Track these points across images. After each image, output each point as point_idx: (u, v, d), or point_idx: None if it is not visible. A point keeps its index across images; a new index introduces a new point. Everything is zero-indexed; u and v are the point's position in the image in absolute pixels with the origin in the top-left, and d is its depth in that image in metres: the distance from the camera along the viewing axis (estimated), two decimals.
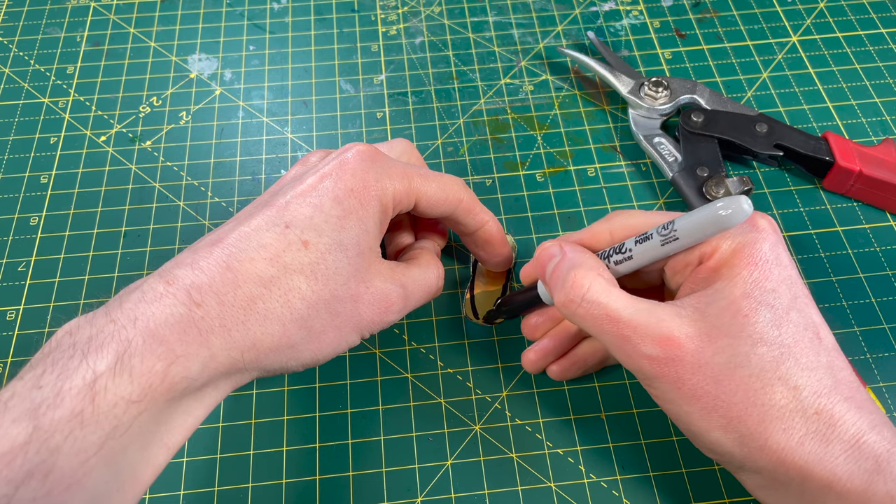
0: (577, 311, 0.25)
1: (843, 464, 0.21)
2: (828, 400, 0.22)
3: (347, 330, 0.27)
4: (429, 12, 0.46)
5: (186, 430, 0.24)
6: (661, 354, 0.23)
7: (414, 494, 0.30)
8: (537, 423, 0.32)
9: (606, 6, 0.47)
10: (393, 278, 0.28)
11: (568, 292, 0.25)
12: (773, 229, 0.25)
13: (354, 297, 0.26)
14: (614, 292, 0.25)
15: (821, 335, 0.23)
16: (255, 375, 0.25)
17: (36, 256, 0.37)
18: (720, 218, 0.23)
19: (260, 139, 0.41)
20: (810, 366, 0.23)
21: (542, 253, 0.28)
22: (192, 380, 0.22)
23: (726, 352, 0.23)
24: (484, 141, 0.40)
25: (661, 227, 0.25)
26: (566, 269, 0.26)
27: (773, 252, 0.24)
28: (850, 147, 0.36)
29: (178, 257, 0.25)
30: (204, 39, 0.45)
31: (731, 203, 0.22)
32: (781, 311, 0.23)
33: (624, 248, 0.26)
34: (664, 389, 0.24)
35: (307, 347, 0.26)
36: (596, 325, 0.25)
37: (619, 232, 0.27)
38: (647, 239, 0.25)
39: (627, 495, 0.30)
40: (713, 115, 0.38)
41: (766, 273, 0.23)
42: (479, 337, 0.34)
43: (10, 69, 0.44)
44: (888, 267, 0.35)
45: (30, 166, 0.40)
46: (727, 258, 0.24)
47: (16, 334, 0.34)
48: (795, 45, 0.44)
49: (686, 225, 0.24)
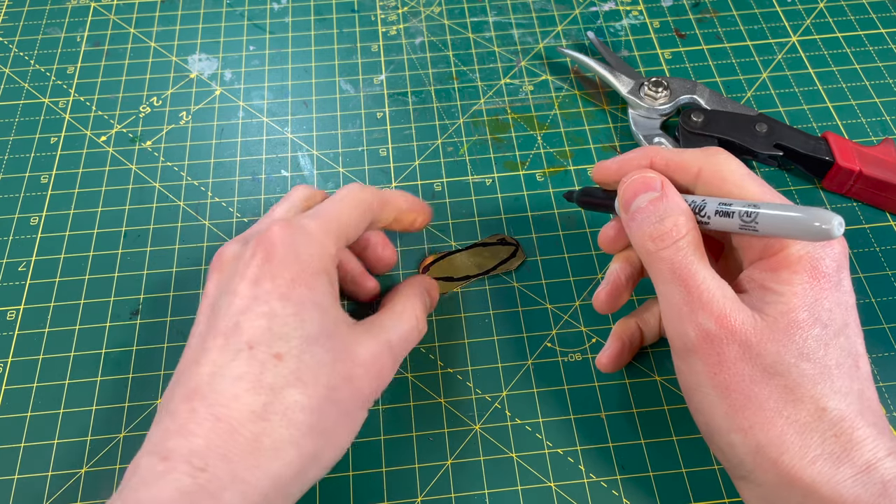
0: (662, 250, 0.25)
1: (851, 486, 0.21)
2: (850, 424, 0.22)
3: (355, 411, 0.26)
4: (429, 12, 0.46)
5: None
6: (713, 329, 0.23)
7: (414, 494, 0.30)
8: (537, 423, 0.32)
9: (606, 6, 0.47)
10: (375, 341, 0.27)
11: (665, 230, 0.25)
12: (844, 252, 0.24)
13: (348, 378, 0.25)
14: (700, 253, 0.25)
15: (860, 364, 0.24)
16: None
17: (36, 256, 0.37)
18: (810, 229, 0.22)
19: (260, 139, 0.41)
20: (843, 391, 0.23)
21: (639, 179, 0.26)
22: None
23: (771, 356, 0.23)
24: (484, 141, 0.40)
25: (745, 212, 0.24)
26: (667, 210, 0.25)
27: (838, 274, 0.24)
28: (849, 147, 0.36)
29: (162, 424, 0.23)
30: (204, 39, 0.45)
31: (826, 218, 0.22)
32: (832, 332, 0.23)
33: (704, 213, 0.25)
34: (699, 369, 0.24)
35: (328, 451, 0.25)
36: (671, 272, 0.24)
37: (708, 176, 0.26)
38: (727, 215, 0.25)
39: (627, 495, 0.30)
40: (713, 115, 0.38)
41: (826, 291, 0.23)
42: (480, 337, 0.34)
43: (10, 69, 0.44)
44: (888, 267, 0.35)
45: (30, 166, 0.40)
46: (793, 262, 0.24)
47: (16, 334, 0.34)
48: (795, 45, 0.44)
49: (770, 221, 0.23)
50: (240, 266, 0.26)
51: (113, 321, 0.35)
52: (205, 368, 0.24)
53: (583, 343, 0.34)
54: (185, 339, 0.34)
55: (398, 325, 0.28)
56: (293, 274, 0.25)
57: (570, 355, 0.33)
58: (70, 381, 0.33)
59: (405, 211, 0.31)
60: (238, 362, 0.23)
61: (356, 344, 0.26)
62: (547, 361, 0.33)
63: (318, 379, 0.24)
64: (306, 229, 0.26)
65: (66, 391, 0.33)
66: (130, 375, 0.33)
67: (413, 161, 0.40)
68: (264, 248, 0.25)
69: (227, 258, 0.27)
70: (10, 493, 0.30)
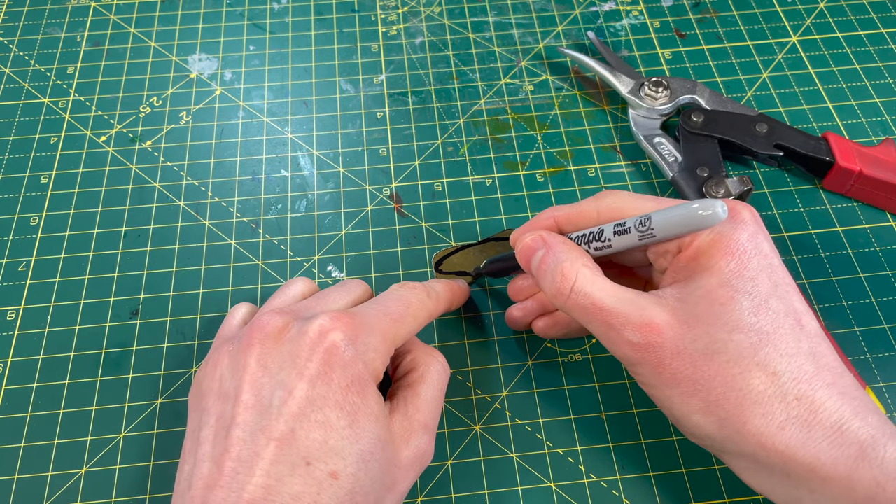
0: (566, 302, 0.26)
1: (827, 449, 0.22)
2: (808, 386, 0.22)
3: (398, 502, 0.26)
4: (429, 12, 0.46)
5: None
6: (642, 340, 0.24)
7: (414, 494, 0.30)
8: (537, 423, 0.32)
9: (606, 6, 0.47)
10: (413, 433, 0.26)
11: (557, 286, 0.26)
12: (753, 220, 0.25)
13: (392, 485, 0.25)
14: (598, 282, 0.25)
15: (803, 322, 0.24)
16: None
17: (36, 256, 0.37)
18: (697, 218, 0.24)
19: (260, 139, 0.41)
20: (790, 352, 0.23)
21: (524, 246, 0.28)
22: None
23: (703, 339, 0.23)
24: (484, 141, 0.40)
25: (639, 221, 0.25)
26: (553, 264, 0.26)
27: (752, 241, 0.24)
28: (850, 147, 0.36)
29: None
30: (204, 39, 0.45)
31: (708, 205, 0.23)
32: (760, 298, 0.23)
33: (603, 237, 0.27)
34: (646, 374, 0.25)
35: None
36: (584, 315, 0.25)
37: (607, 213, 0.27)
38: (625, 232, 0.26)
39: (627, 495, 0.30)
40: (713, 115, 0.38)
41: (744, 262, 0.24)
42: (480, 337, 0.34)
43: (10, 69, 0.44)
44: (888, 267, 0.35)
45: (30, 166, 0.40)
46: (705, 248, 0.24)
47: (16, 334, 0.34)
48: (795, 45, 0.44)
49: (662, 223, 0.25)
50: (298, 360, 0.24)
51: (113, 321, 0.35)
52: (259, 479, 0.22)
53: (583, 343, 0.34)
54: (185, 339, 0.34)
55: (426, 392, 0.27)
56: (349, 381, 0.24)
57: (570, 355, 0.33)
58: (70, 381, 0.33)
59: (451, 306, 0.32)
60: (295, 479, 0.22)
61: (402, 444, 0.26)
62: (547, 362, 0.33)
63: (367, 495, 0.24)
64: (365, 331, 0.26)
65: (66, 391, 0.33)
66: (130, 375, 0.33)
67: (413, 161, 0.40)
68: (326, 348, 0.25)
69: (274, 334, 0.26)
70: (10, 493, 0.30)
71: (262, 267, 0.36)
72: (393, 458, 0.25)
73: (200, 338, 0.34)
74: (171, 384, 0.33)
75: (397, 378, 0.29)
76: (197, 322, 0.34)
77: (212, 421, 0.24)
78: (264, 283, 0.36)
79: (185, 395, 0.32)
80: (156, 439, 0.31)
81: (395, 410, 0.26)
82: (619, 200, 0.27)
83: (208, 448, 0.24)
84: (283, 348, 0.25)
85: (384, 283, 0.35)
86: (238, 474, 0.22)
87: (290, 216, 0.38)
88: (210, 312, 0.35)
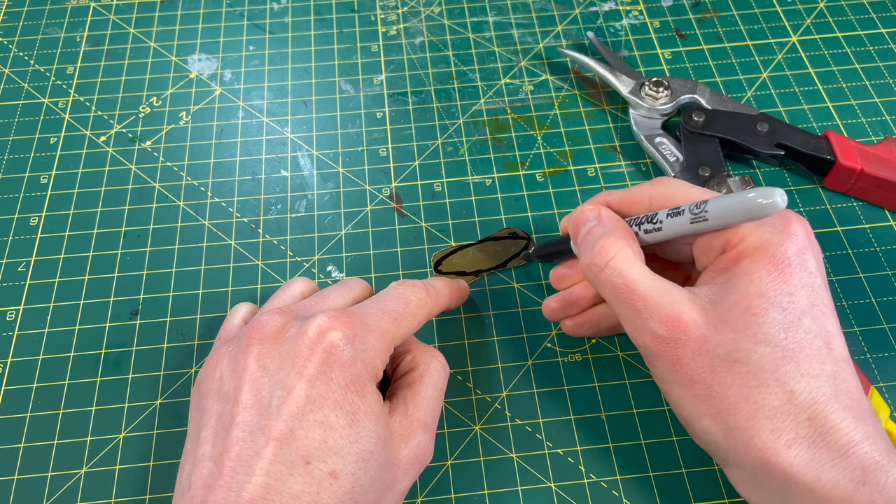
0: (598, 275, 0.26)
1: (830, 471, 0.21)
2: (824, 407, 0.22)
3: (397, 501, 0.26)
4: (429, 12, 0.46)
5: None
6: (665, 333, 0.24)
7: (414, 494, 0.30)
8: (537, 423, 0.32)
9: (606, 6, 0.47)
10: (412, 431, 0.26)
11: (594, 257, 0.26)
12: (805, 234, 0.24)
13: (391, 484, 0.25)
14: (637, 265, 0.25)
15: (832, 346, 0.23)
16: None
17: (36, 256, 0.37)
18: (754, 206, 0.23)
19: (260, 139, 0.41)
20: (812, 373, 0.22)
21: (579, 215, 0.28)
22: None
23: (728, 345, 0.23)
24: (484, 141, 0.40)
25: (694, 205, 0.25)
26: (598, 235, 0.26)
27: (799, 257, 0.24)
28: (851, 146, 0.36)
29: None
30: (204, 39, 0.45)
31: (768, 193, 0.23)
32: (794, 315, 0.23)
33: (656, 219, 0.26)
34: (662, 369, 0.25)
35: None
36: (613, 293, 0.25)
37: (659, 200, 0.27)
38: (678, 214, 0.25)
39: (627, 495, 0.30)
40: (714, 114, 0.38)
41: (785, 276, 0.23)
42: (479, 337, 0.34)
43: (10, 69, 0.44)
44: (888, 267, 0.35)
45: (30, 166, 0.40)
46: (750, 252, 0.24)
47: (16, 334, 0.34)
48: (795, 45, 0.44)
49: (718, 207, 0.24)
50: (297, 360, 0.24)
51: (113, 321, 0.35)
52: (258, 478, 0.22)
53: (583, 343, 0.34)
54: (185, 339, 0.34)
55: (426, 392, 0.27)
56: (348, 380, 0.24)
57: (570, 355, 0.33)
58: (70, 382, 0.33)
59: (450, 304, 0.31)
60: (295, 478, 0.22)
61: (402, 443, 0.26)
62: (547, 362, 0.33)
63: (367, 494, 0.24)
64: (364, 330, 0.26)
65: (65, 391, 0.33)
66: (130, 375, 0.33)
67: (413, 161, 0.40)
68: (325, 348, 0.24)
69: (273, 333, 0.25)
70: (10, 493, 0.30)
71: (262, 267, 0.36)
72: (392, 458, 0.25)
73: (200, 338, 0.34)
74: (171, 384, 0.33)
75: (397, 377, 0.29)
76: (197, 322, 0.34)
77: (211, 421, 0.24)
78: (264, 283, 0.36)
79: (185, 396, 0.32)
80: (156, 440, 0.31)
81: (395, 409, 0.26)
82: (674, 189, 0.27)
83: (208, 448, 0.24)
84: (282, 348, 0.25)
85: (384, 283, 0.35)
86: (238, 474, 0.22)
87: (289, 216, 0.38)
88: (210, 313, 0.35)
